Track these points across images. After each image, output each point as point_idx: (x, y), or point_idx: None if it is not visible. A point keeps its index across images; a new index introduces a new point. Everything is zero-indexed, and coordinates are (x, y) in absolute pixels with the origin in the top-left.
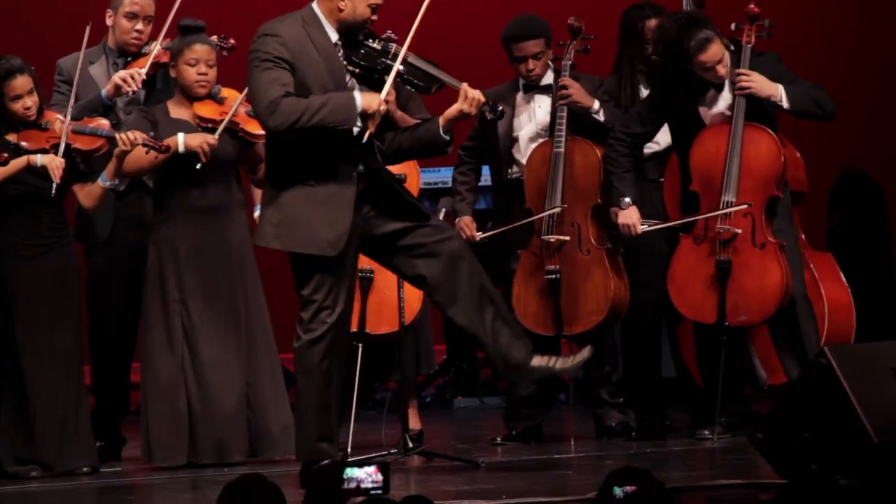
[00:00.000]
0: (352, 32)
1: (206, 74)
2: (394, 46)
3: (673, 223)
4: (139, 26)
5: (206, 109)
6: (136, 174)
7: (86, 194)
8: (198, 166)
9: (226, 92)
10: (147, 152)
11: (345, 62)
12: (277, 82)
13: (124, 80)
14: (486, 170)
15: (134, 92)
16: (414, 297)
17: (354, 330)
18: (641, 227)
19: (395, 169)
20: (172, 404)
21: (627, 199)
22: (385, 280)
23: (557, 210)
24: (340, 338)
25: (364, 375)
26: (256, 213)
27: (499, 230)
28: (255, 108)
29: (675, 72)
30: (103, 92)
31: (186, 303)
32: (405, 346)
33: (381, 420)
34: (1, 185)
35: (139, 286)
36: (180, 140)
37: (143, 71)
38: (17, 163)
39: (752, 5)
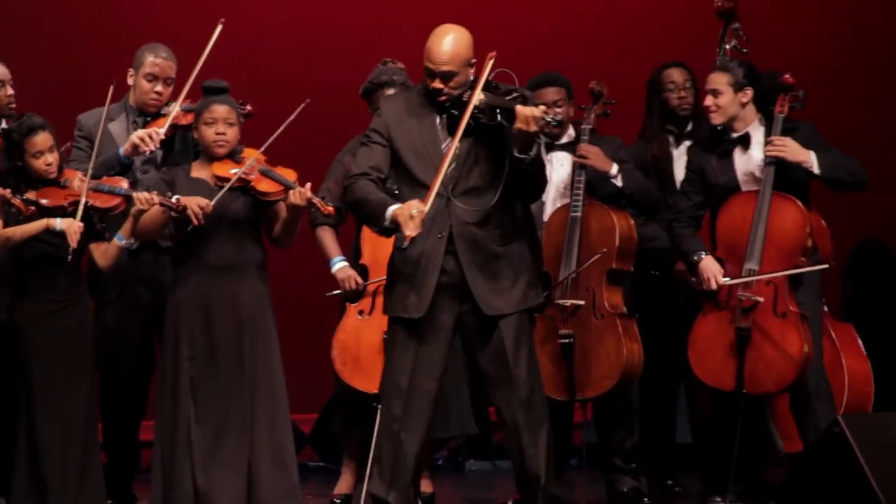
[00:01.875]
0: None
1: (224, 134)
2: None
3: (754, 278)
4: (158, 87)
5: (223, 168)
6: (149, 236)
7: (102, 253)
8: (189, 228)
9: (247, 152)
10: (163, 212)
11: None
12: (362, 157)
13: (142, 140)
14: None
15: (151, 152)
16: None
17: (375, 392)
18: (723, 280)
19: None
20: (175, 469)
21: (702, 253)
22: None
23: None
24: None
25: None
26: (335, 267)
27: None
28: None
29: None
30: (121, 150)
31: (196, 361)
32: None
33: None
34: (20, 244)
35: (151, 344)
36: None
37: (162, 131)
38: (37, 225)
39: (788, 75)
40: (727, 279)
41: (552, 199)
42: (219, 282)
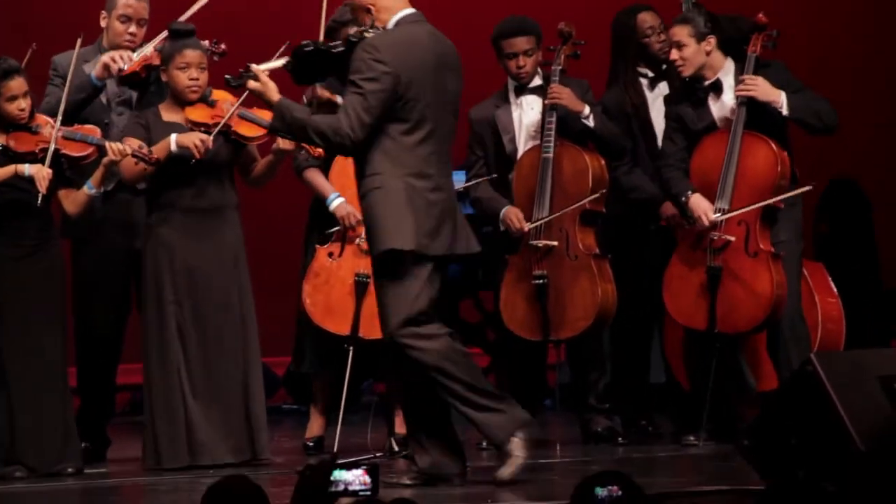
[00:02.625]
0: None
1: (197, 79)
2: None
3: (745, 209)
4: (132, 29)
5: (198, 113)
6: (134, 181)
7: (70, 201)
8: (192, 162)
9: (217, 94)
10: (136, 163)
11: None
12: None
13: (112, 59)
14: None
15: (121, 73)
16: None
17: (347, 333)
18: (714, 216)
19: None
20: (170, 409)
21: (690, 192)
22: None
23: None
24: None
25: (353, 379)
26: (333, 204)
27: (548, 217)
28: None
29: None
30: (93, 73)
31: (181, 304)
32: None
33: (367, 424)
34: None
35: (127, 288)
36: (173, 139)
37: (134, 56)
38: (5, 171)
39: (761, 15)
40: (718, 215)
41: (524, 143)
42: (201, 225)
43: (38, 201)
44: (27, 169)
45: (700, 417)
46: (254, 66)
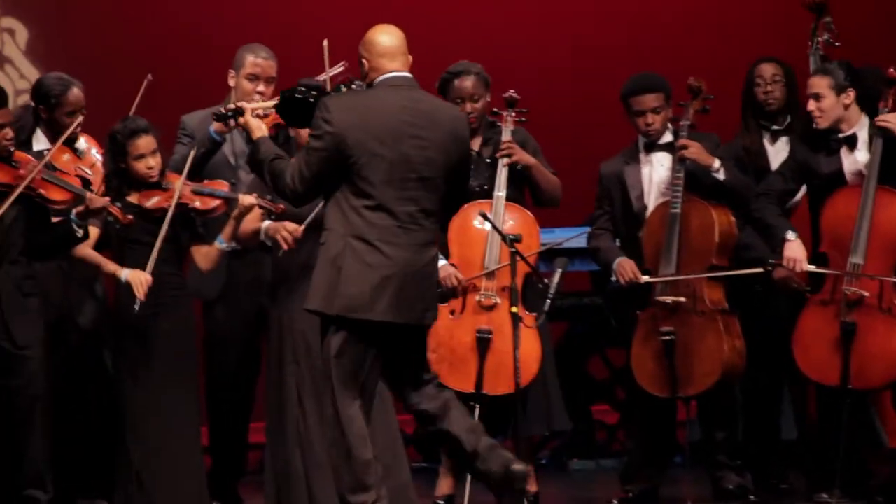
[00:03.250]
0: None
1: None
2: None
3: (834, 272)
4: (261, 87)
5: None
6: (249, 241)
7: (203, 256)
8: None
9: None
10: (263, 215)
11: None
12: None
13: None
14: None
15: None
16: (531, 357)
17: (472, 390)
18: (808, 266)
19: (513, 229)
20: (287, 470)
21: (793, 234)
22: (503, 341)
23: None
24: None
25: None
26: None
27: (663, 279)
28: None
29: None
30: (212, 128)
31: (299, 364)
32: (519, 408)
33: None
34: (120, 250)
35: (257, 346)
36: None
37: (269, 104)
38: (110, 268)
39: (893, 69)
40: (812, 267)
41: (654, 200)
42: None
43: (136, 307)
44: (124, 275)
45: (833, 474)
46: (243, 104)
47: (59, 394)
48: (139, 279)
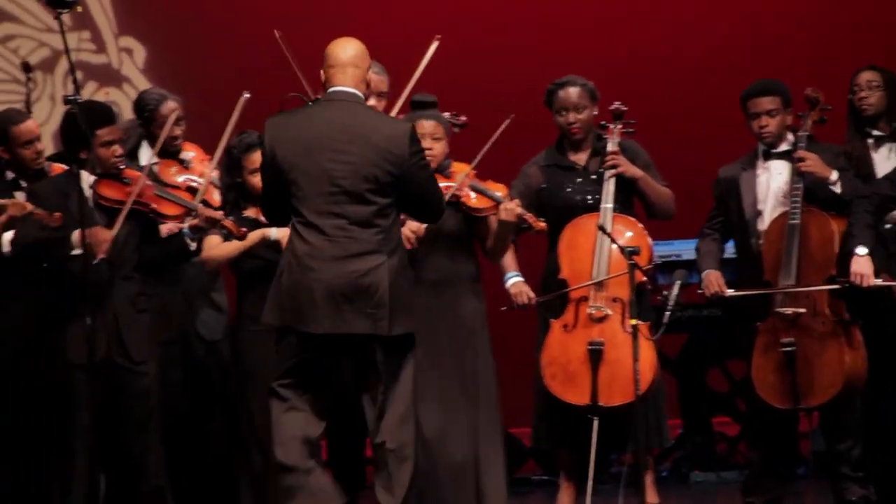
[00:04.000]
0: None
1: (431, 149)
2: None
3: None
4: (371, 102)
5: None
6: None
7: None
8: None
9: (456, 166)
10: None
11: None
12: None
13: None
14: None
15: None
16: (647, 367)
17: (587, 403)
18: (874, 280)
19: (627, 241)
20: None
21: (863, 249)
22: (616, 352)
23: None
24: None
25: (600, 448)
26: (509, 283)
27: (751, 292)
28: (439, 202)
29: None
30: None
31: (416, 378)
32: (640, 418)
33: (617, 493)
34: (238, 259)
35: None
36: None
37: None
38: (253, 237)
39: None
40: (879, 280)
41: (770, 208)
42: (435, 298)
43: None
44: (273, 233)
45: None
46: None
47: (183, 407)
48: (286, 234)
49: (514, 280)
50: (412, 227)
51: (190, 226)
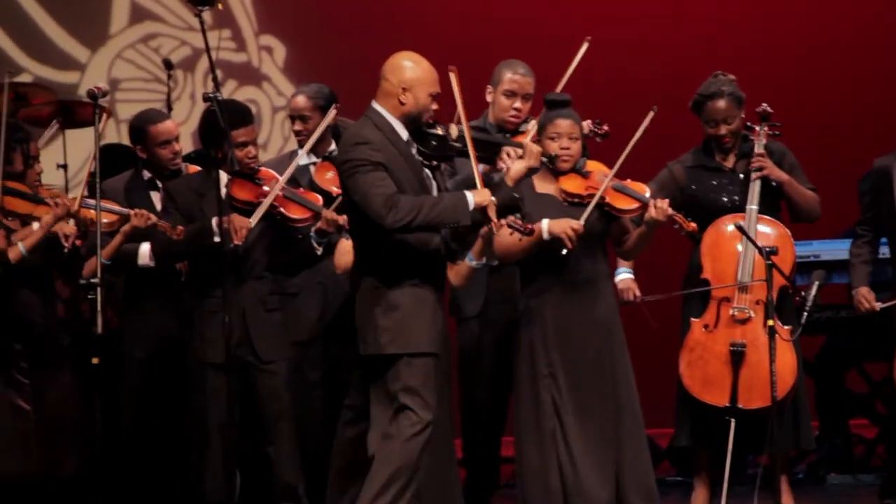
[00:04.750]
0: (416, 124)
1: (568, 149)
2: (450, 126)
3: None
4: (517, 104)
5: (573, 184)
6: (507, 258)
7: (455, 273)
8: (563, 252)
9: (591, 165)
10: (511, 234)
11: (420, 157)
12: (385, 182)
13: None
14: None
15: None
16: (787, 370)
17: (727, 404)
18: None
19: (768, 241)
20: (546, 483)
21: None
22: (757, 355)
23: None
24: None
25: (736, 448)
26: (618, 277)
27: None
28: (370, 207)
29: None
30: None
31: (556, 377)
32: (776, 420)
33: (752, 495)
34: None
35: (510, 360)
36: (544, 227)
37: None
38: None
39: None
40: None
41: None
42: (576, 297)
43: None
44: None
45: None
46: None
47: (320, 408)
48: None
49: (623, 276)
50: (573, 226)
51: (315, 230)
